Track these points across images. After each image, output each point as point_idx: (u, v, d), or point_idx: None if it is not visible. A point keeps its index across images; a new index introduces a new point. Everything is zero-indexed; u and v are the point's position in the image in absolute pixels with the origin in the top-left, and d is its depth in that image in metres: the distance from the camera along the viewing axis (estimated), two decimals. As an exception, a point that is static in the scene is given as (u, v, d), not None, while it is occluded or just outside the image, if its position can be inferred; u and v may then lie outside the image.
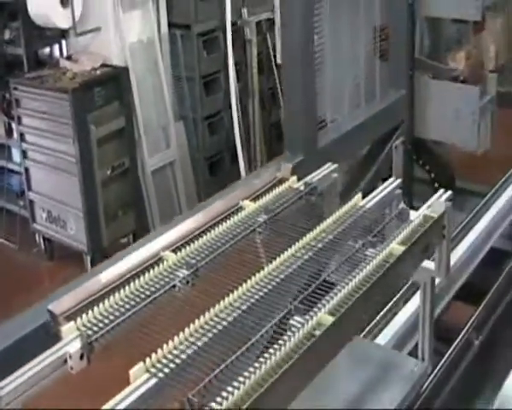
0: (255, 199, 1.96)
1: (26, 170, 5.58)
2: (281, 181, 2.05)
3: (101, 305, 1.53)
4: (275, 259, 1.69)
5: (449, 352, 2.40)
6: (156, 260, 1.69)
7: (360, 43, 3.83)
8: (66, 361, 1.41)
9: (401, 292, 2.51)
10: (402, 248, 1.74)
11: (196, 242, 1.75)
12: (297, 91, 3.34)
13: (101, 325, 1.48)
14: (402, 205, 1.95)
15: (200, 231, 1.81)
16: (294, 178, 2.05)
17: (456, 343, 2.46)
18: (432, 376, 2.17)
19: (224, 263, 1.72)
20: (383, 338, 2.37)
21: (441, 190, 1.96)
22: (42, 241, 5.71)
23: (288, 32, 3.32)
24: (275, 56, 4.91)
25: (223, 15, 5.37)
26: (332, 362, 1.61)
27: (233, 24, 5.75)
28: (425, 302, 2.01)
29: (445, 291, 2.69)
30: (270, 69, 5.89)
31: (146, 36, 5.57)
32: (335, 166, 2.11)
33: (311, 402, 1.74)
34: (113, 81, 5.31)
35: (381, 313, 2.44)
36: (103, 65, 5.34)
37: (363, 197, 1.97)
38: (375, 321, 2.38)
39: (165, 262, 1.67)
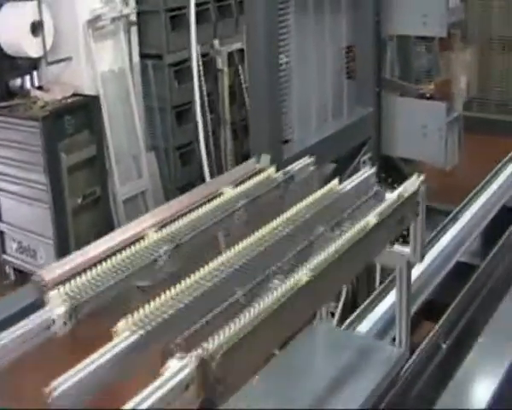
0: (235, 186, 2.00)
1: (-4, 201, 5.54)
2: (260, 171, 2.09)
3: (83, 276, 1.56)
4: (253, 234, 1.71)
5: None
6: (140, 237, 1.73)
7: (327, 62, 3.86)
8: (49, 327, 1.44)
9: (382, 286, 2.61)
10: (375, 221, 1.78)
11: (178, 222, 1.78)
12: (263, 109, 3.38)
13: (84, 293, 1.51)
14: (377, 187, 2.00)
15: (182, 213, 1.85)
16: (273, 168, 2.09)
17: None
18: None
19: (204, 240, 1.78)
20: (364, 328, 2.40)
21: (415, 175, 1.99)
22: (12, 272, 5.63)
23: (254, 53, 3.38)
24: (247, 87, 4.94)
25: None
26: (312, 349, 1.88)
27: (205, 55, 5.81)
28: (401, 287, 2.03)
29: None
30: (242, 99, 5.91)
31: (117, 66, 5.60)
32: (312, 159, 2.14)
33: (291, 386, 1.85)
34: (84, 110, 5.32)
35: (362, 306, 2.50)
36: (74, 94, 5.35)
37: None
38: (357, 312, 2.45)
39: (147, 239, 1.70)
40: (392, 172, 4.07)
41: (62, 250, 5.13)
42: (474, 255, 3.36)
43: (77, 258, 1.64)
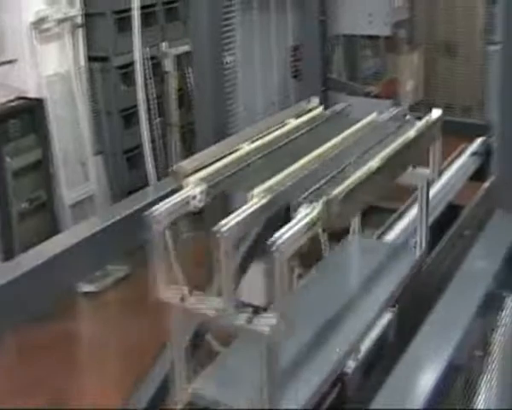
0: (296, 118, 2.49)
1: None
2: (310, 110, 2.59)
3: (213, 166, 2.05)
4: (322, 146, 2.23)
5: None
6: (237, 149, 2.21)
7: (273, 62, 3.85)
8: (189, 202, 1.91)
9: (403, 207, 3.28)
10: (414, 134, 2.28)
11: (265, 138, 2.29)
12: (208, 108, 3.34)
13: (215, 176, 2.01)
14: (408, 117, 2.52)
15: (260, 136, 2.30)
16: (321, 108, 2.61)
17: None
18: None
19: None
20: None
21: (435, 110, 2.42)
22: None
23: (198, 51, 3.36)
24: (195, 89, 4.91)
25: (142, 48, 5.35)
26: (348, 255, 2.53)
27: (153, 57, 5.77)
28: (422, 202, 2.49)
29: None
30: (190, 102, 5.87)
31: (63, 69, 5.51)
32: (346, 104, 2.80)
33: (323, 281, 2.35)
34: (29, 113, 5.23)
35: (388, 222, 3.18)
36: (19, 97, 5.26)
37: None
38: (385, 225, 3.13)
39: (246, 148, 2.21)
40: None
41: (7, 254, 5.04)
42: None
43: (205, 155, 2.11)
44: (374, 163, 2.02)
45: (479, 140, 4.45)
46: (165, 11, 6.07)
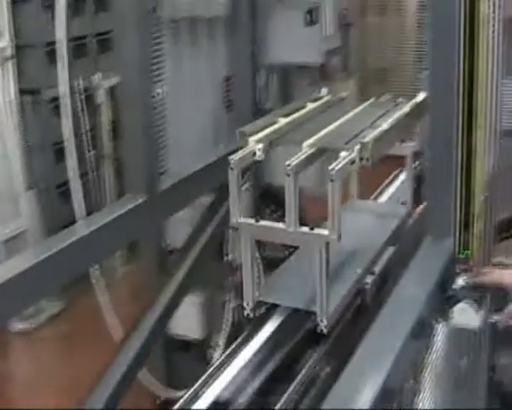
0: (313, 102, 3.13)
1: None
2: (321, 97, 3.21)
3: (270, 128, 2.70)
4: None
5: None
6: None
7: (205, 93, 3.82)
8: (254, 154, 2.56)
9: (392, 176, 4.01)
10: (408, 109, 2.98)
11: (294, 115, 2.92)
12: (136, 141, 3.29)
13: (273, 136, 2.67)
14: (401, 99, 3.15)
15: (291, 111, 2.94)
16: (330, 96, 3.22)
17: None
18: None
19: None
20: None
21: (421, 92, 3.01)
22: None
23: (126, 84, 3.30)
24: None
25: (74, 80, 5.28)
26: (351, 213, 3.24)
27: (87, 89, 5.69)
28: (409, 170, 3.28)
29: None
30: (124, 135, 5.79)
31: (-7, 102, 5.40)
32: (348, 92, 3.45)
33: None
34: (-42, 148, 5.10)
35: (380, 187, 3.91)
36: None
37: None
38: (378, 191, 3.86)
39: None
40: (274, 200, 4.04)
41: None
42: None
43: (265, 119, 2.82)
44: (385, 125, 2.71)
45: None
46: (98, 42, 5.99)
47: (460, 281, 2.58)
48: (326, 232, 2.36)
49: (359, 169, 2.50)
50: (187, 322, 3.94)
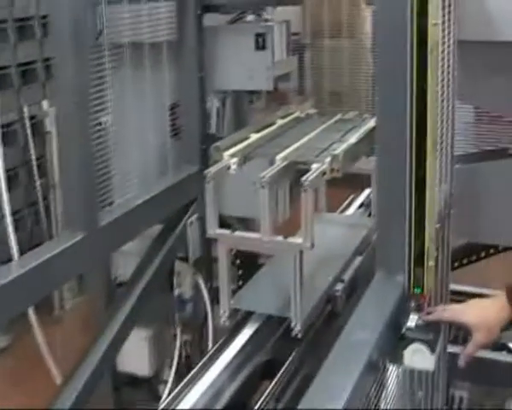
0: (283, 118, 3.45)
1: None
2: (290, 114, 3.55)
3: (243, 143, 3.01)
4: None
5: None
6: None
7: (150, 121, 3.67)
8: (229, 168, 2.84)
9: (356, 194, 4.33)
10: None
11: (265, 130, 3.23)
12: (76, 172, 3.13)
13: (249, 150, 2.96)
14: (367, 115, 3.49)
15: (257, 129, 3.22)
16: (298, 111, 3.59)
17: None
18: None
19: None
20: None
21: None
22: None
23: (63, 113, 3.18)
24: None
25: (21, 108, 5.13)
26: (318, 226, 2.91)
27: (34, 116, 5.54)
28: (374, 182, 3.21)
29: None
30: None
31: None
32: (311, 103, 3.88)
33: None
34: None
35: (347, 201, 4.33)
36: None
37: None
38: (346, 202, 4.28)
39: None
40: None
41: None
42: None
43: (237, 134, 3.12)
44: (353, 139, 3.02)
45: (367, 191, 4.39)
46: (47, 68, 5.83)
47: (413, 320, 2.45)
48: (300, 241, 2.58)
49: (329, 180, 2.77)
50: (134, 358, 3.80)
